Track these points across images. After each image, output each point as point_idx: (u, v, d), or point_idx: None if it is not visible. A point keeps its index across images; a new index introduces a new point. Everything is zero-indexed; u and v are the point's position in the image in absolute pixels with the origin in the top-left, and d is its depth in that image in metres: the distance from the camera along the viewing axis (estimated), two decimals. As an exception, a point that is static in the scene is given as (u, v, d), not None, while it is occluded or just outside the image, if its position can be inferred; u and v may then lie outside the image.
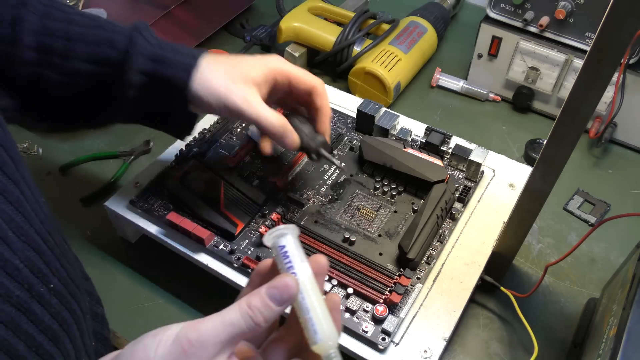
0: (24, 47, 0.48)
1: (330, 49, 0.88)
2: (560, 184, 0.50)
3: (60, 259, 0.39)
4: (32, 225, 0.36)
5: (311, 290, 0.34)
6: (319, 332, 0.33)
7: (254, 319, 0.32)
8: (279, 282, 0.33)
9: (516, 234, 0.58)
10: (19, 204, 0.34)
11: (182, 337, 0.31)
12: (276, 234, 0.36)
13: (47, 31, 0.49)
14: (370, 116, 0.70)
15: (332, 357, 0.33)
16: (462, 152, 0.67)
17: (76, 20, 0.50)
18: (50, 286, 0.36)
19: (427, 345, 0.53)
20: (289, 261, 0.35)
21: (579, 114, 0.43)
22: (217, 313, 0.33)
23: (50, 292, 0.36)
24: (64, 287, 0.38)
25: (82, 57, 0.50)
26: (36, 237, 0.36)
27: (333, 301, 0.36)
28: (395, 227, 0.61)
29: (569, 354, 0.60)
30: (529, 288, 0.60)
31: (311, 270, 0.35)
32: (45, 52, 0.49)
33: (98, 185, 0.75)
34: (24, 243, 0.35)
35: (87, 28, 0.50)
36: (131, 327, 0.61)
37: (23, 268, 0.34)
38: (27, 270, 0.34)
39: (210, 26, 0.95)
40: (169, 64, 0.51)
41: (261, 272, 0.38)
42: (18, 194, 0.35)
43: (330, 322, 0.34)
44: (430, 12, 0.94)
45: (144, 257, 0.68)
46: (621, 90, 0.75)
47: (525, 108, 0.86)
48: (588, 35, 0.76)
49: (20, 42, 0.48)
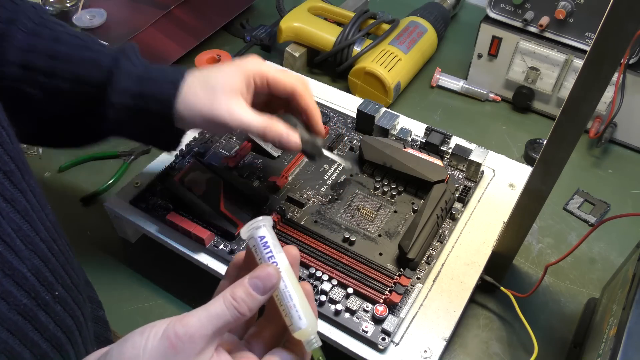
0: (8, 62, 0.48)
1: (330, 49, 0.88)
2: (560, 184, 0.50)
3: (64, 266, 0.39)
4: (38, 233, 0.36)
5: (290, 278, 0.35)
6: (302, 318, 0.34)
7: (239, 309, 0.33)
8: (261, 272, 0.34)
9: (516, 234, 0.58)
10: (25, 212, 0.35)
11: (170, 332, 0.32)
12: (254, 226, 0.37)
13: (32, 49, 0.49)
14: (370, 116, 0.70)
15: (313, 342, 0.35)
16: (462, 152, 0.67)
17: (63, 39, 0.50)
18: (55, 293, 0.37)
19: (427, 345, 0.53)
20: (269, 251, 0.36)
21: (579, 114, 0.43)
22: (202, 307, 0.33)
23: (54, 299, 0.36)
24: (68, 294, 0.38)
25: (66, 77, 0.50)
26: (42, 245, 0.36)
27: (307, 290, 0.37)
28: (395, 227, 0.61)
29: (569, 354, 0.60)
30: (529, 288, 0.60)
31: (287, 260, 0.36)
32: (29, 69, 0.49)
33: (98, 185, 0.75)
34: (31, 251, 0.35)
35: (73, 48, 0.50)
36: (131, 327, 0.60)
37: (30, 276, 0.34)
38: (34, 279, 0.34)
39: (210, 26, 0.95)
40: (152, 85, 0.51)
41: (237, 264, 0.39)
42: (25, 203, 0.35)
43: (309, 308, 0.35)
44: (430, 12, 0.94)
45: (144, 257, 0.68)
46: (621, 90, 0.75)
47: (525, 108, 0.87)
48: (588, 35, 0.76)
49: (5, 57, 0.48)
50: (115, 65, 0.50)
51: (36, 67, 0.49)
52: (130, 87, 0.50)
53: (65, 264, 0.39)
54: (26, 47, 0.49)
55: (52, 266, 0.37)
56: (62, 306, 0.37)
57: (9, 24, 0.49)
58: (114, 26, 0.90)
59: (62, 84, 0.50)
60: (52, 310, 0.36)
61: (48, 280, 0.36)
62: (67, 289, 0.38)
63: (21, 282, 0.33)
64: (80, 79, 0.50)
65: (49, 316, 0.36)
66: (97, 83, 0.50)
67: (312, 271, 0.56)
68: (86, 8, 0.91)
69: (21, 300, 0.33)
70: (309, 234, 0.59)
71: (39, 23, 0.50)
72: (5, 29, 0.48)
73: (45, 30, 0.50)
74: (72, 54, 0.50)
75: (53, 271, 0.37)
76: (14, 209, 0.34)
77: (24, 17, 0.50)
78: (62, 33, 0.51)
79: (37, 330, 0.34)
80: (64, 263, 0.39)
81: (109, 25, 0.90)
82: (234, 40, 0.99)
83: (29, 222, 0.35)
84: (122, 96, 0.50)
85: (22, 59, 0.49)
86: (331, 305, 0.55)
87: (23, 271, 0.34)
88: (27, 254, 0.34)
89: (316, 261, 0.57)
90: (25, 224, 0.34)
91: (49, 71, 0.49)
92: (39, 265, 0.35)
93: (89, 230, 0.71)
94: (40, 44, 0.49)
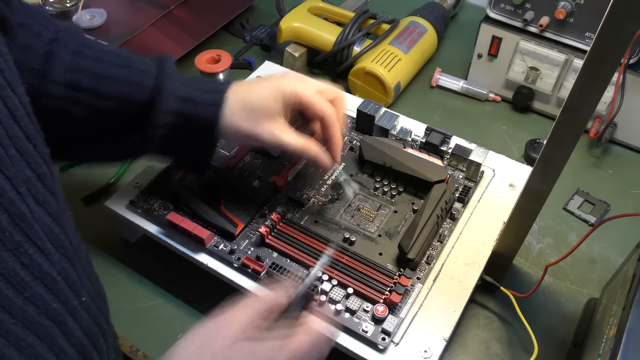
0: (54, 81, 0.49)
1: (330, 49, 0.88)
2: (560, 184, 0.50)
3: (87, 271, 0.39)
4: (68, 237, 0.36)
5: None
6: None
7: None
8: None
9: (516, 234, 0.58)
10: (57, 215, 0.34)
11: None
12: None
13: (77, 68, 0.50)
14: (370, 116, 0.70)
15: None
16: (462, 152, 0.67)
17: (106, 58, 0.52)
18: (82, 299, 0.36)
19: (427, 345, 0.53)
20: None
21: (579, 114, 0.43)
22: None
23: (81, 305, 0.36)
24: (92, 300, 0.38)
25: (110, 96, 0.52)
26: (70, 249, 0.36)
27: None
28: (395, 227, 0.61)
29: (569, 354, 0.60)
30: (529, 288, 0.60)
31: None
32: (74, 88, 0.50)
33: (98, 185, 0.75)
34: (61, 255, 0.34)
35: (116, 67, 0.52)
36: (131, 327, 0.61)
37: (60, 280, 0.34)
38: (64, 283, 0.34)
39: (210, 26, 0.95)
40: (195, 106, 0.53)
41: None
42: (56, 206, 0.35)
43: None
44: (430, 12, 0.94)
45: (144, 257, 0.68)
46: (621, 90, 0.75)
47: (525, 108, 0.87)
48: (588, 35, 0.76)
49: (51, 76, 0.49)
50: (159, 86, 0.52)
51: (81, 86, 0.50)
52: (175, 108, 0.52)
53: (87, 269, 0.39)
54: (71, 66, 0.50)
55: (79, 271, 0.37)
56: (87, 312, 0.37)
57: (52, 43, 0.50)
58: (114, 26, 0.90)
59: (107, 103, 0.52)
60: (80, 316, 0.36)
61: (76, 285, 0.36)
62: (91, 295, 0.38)
63: (51, 285, 0.33)
64: (124, 99, 0.52)
65: (76, 322, 0.35)
66: (141, 103, 0.52)
67: (312, 271, 0.56)
68: (86, 8, 0.91)
69: (51, 304, 0.33)
70: (309, 234, 0.59)
71: (80, 42, 0.52)
72: (52, 49, 0.50)
73: (87, 50, 0.52)
74: (116, 74, 0.52)
75: (80, 276, 0.37)
76: (46, 211, 0.33)
77: (67, 37, 0.51)
78: (103, 52, 0.52)
79: (65, 337, 0.34)
80: (86, 268, 0.39)
81: (109, 25, 0.90)
82: (234, 40, 0.99)
83: (60, 225, 0.35)
84: (166, 116, 0.52)
85: (67, 78, 0.50)
86: (331, 305, 0.55)
87: (53, 275, 0.33)
88: (57, 257, 0.34)
89: (316, 261, 0.57)
90: (57, 227, 0.34)
91: (93, 91, 0.51)
92: (69, 269, 0.35)
93: (89, 230, 0.71)
94: (84, 64, 0.51)
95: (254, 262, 0.57)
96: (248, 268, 0.57)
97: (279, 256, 0.59)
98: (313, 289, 0.54)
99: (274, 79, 0.56)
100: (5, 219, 0.30)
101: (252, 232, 0.61)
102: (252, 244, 0.60)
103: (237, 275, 0.58)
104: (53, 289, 0.33)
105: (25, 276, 0.31)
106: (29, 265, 0.31)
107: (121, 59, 0.53)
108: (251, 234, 0.61)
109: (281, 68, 0.82)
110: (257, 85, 0.55)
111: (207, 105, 0.53)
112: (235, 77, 0.84)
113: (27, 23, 0.49)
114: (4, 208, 0.30)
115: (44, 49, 0.49)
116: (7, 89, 0.31)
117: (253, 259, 0.58)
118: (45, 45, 0.50)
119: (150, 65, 0.54)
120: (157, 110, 0.52)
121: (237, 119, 0.54)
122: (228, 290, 0.59)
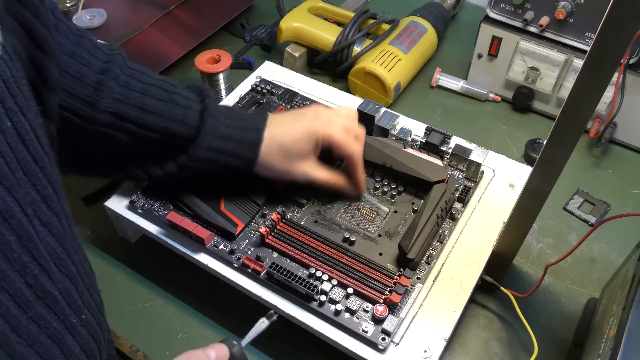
0: (103, 110, 0.52)
1: (330, 49, 0.88)
2: (560, 184, 0.50)
3: (89, 288, 0.39)
4: (70, 256, 0.36)
5: None
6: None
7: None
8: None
9: (516, 234, 0.58)
10: (60, 235, 0.35)
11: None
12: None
13: (125, 100, 0.54)
14: (370, 116, 0.70)
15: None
16: (462, 152, 0.67)
17: (151, 92, 0.55)
18: (82, 317, 0.37)
19: (427, 345, 0.53)
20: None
21: (579, 114, 0.43)
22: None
23: (81, 323, 0.37)
24: (93, 317, 0.39)
25: (155, 129, 0.55)
26: (73, 267, 0.36)
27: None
28: (395, 227, 0.61)
29: (569, 354, 0.60)
30: (529, 288, 0.60)
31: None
32: (121, 118, 0.53)
33: (98, 185, 0.75)
34: (63, 274, 0.35)
35: (162, 102, 0.55)
36: (131, 327, 0.61)
37: (61, 299, 0.34)
38: (64, 302, 0.35)
39: (210, 26, 0.95)
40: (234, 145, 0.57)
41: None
42: (59, 227, 0.35)
43: None
44: (430, 12, 0.94)
45: (144, 257, 0.68)
46: (621, 90, 0.75)
47: (525, 108, 0.87)
48: (588, 35, 0.76)
49: (100, 105, 0.52)
50: (202, 124, 0.56)
51: (127, 116, 0.54)
52: (215, 146, 0.56)
53: (90, 286, 0.39)
54: (119, 97, 0.53)
55: (80, 289, 0.37)
56: (87, 330, 0.38)
57: (103, 73, 0.53)
58: (114, 26, 0.90)
59: (151, 135, 0.55)
60: (79, 334, 0.36)
61: (77, 304, 0.36)
62: (92, 312, 0.39)
63: (52, 304, 0.34)
64: (168, 132, 0.56)
65: (75, 340, 0.36)
66: (184, 137, 0.56)
67: (312, 271, 0.56)
68: (86, 8, 0.91)
69: (51, 323, 0.33)
70: (309, 234, 0.59)
71: (128, 73, 0.55)
72: (102, 79, 0.52)
73: (134, 82, 0.55)
74: (161, 109, 0.55)
75: (81, 294, 0.37)
76: (50, 232, 0.34)
77: (116, 67, 0.54)
78: (150, 85, 0.56)
79: (64, 354, 0.34)
80: (89, 285, 0.39)
81: (109, 25, 0.90)
82: (234, 40, 0.99)
83: (62, 245, 0.35)
84: (206, 152, 0.56)
85: (115, 108, 0.53)
86: (331, 305, 0.55)
87: (55, 294, 0.34)
88: (59, 277, 0.34)
89: (316, 261, 0.57)
90: (59, 247, 0.35)
91: (138, 122, 0.54)
92: (70, 288, 0.36)
93: (89, 230, 0.71)
94: (132, 96, 0.54)
95: (254, 262, 0.57)
96: (248, 268, 0.57)
97: (279, 256, 0.59)
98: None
99: (308, 119, 0.59)
100: (14, 240, 0.30)
101: (252, 232, 0.61)
102: (252, 244, 0.60)
103: (237, 275, 0.58)
104: (54, 308, 0.34)
105: (29, 295, 0.32)
106: (33, 285, 0.32)
107: (166, 94, 0.56)
108: (251, 234, 0.61)
109: (281, 68, 0.82)
110: (291, 127, 0.59)
111: (245, 144, 0.57)
112: (236, 77, 0.84)
113: (77, 52, 0.51)
114: (13, 229, 0.30)
115: (94, 78, 0.52)
116: (18, 114, 0.32)
117: (253, 259, 0.58)
118: (96, 73, 0.52)
119: (193, 101, 0.57)
120: (198, 145, 0.56)
121: (273, 159, 0.58)
122: (228, 290, 0.59)
